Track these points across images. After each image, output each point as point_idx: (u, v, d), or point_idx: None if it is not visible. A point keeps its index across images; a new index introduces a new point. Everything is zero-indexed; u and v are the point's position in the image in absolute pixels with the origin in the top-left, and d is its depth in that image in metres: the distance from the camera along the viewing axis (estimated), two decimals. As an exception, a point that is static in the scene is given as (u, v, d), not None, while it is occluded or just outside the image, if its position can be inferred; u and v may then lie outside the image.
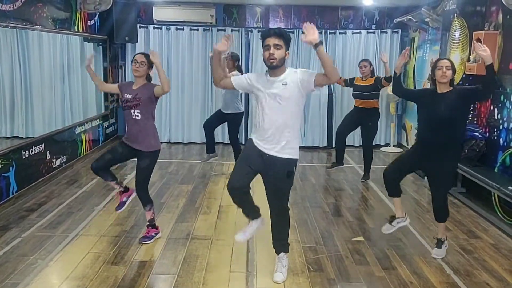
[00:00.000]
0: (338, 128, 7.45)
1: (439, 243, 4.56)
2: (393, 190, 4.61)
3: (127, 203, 4.84)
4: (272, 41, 3.57)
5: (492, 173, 5.82)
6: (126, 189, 4.86)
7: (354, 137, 9.23)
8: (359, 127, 7.24)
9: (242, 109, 7.31)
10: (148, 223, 4.78)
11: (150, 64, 4.56)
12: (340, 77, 7.04)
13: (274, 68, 3.63)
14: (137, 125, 4.50)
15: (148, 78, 4.68)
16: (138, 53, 4.66)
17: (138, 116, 4.48)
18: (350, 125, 7.31)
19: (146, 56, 4.58)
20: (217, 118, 7.44)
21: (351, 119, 7.22)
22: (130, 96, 4.51)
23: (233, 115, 7.17)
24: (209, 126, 7.42)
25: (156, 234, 4.80)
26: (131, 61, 4.58)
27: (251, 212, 3.94)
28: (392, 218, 4.69)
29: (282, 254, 4.07)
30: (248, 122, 9.41)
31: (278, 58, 3.57)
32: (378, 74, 7.51)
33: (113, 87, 4.94)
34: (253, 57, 9.54)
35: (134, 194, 4.79)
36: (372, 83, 6.89)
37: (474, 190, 6.28)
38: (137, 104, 4.47)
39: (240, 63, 7.17)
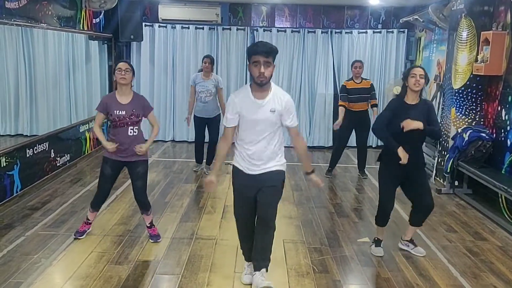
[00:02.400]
0: (339, 144, 7.48)
1: (412, 242, 4.62)
2: (386, 220, 4.56)
3: (85, 234, 4.78)
4: (263, 58, 3.49)
5: (499, 175, 5.77)
6: (88, 223, 4.83)
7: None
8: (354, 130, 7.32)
9: (219, 111, 7.13)
10: (148, 226, 4.79)
11: (133, 71, 4.53)
12: (341, 103, 7.16)
13: (263, 85, 3.57)
14: (133, 139, 4.48)
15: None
16: (121, 61, 4.54)
17: (136, 132, 4.49)
18: (348, 135, 7.38)
19: (129, 63, 4.55)
20: (202, 127, 7.24)
21: (348, 129, 7.23)
22: (124, 113, 4.41)
23: (215, 117, 7.09)
24: (201, 140, 7.32)
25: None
26: (114, 70, 4.46)
27: (249, 248, 3.88)
28: (379, 240, 4.64)
29: (263, 270, 3.78)
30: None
31: (268, 76, 3.53)
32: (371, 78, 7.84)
33: (101, 116, 4.55)
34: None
35: (90, 229, 4.83)
36: (369, 86, 7.08)
37: (481, 192, 6.24)
38: (137, 121, 4.47)
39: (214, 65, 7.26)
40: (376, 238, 4.64)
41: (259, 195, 3.70)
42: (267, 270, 3.80)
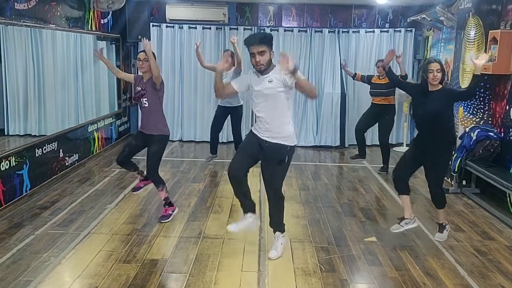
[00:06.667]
0: (357, 125, 7.85)
1: (440, 228, 4.86)
2: (401, 187, 4.87)
3: (142, 188, 5.46)
4: (256, 49, 3.97)
5: (507, 174, 5.74)
6: (146, 179, 5.40)
7: (366, 135, 9.15)
8: (377, 122, 7.72)
9: (241, 102, 7.63)
10: (164, 202, 5.27)
11: (154, 57, 5.03)
12: (356, 73, 8.02)
13: (263, 71, 4.07)
14: (146, 111, 5.12)
15: None
16: (140, 51, 5.11)
17: (146, 103, 5.08)
18: (368, 121, 7.76)
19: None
20: (221, 116, 7.71)
21: (369, 116, 7.69)
22: (139, 88, 5.14)
23: (233, 108, 7.54)
24: (216, 127, 7.76)
25: (173, 211, 5.29)
26: (135, 59, 4.95)
27: (247, 203, 4.38)
28: (401, 218, 4.86)
29: (278, 233, 4.42)
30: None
31: (265, 63, 4.01)
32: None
33: (129, 76, 5.64)
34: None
35: (151, 185, 5.37)
36: (389, 81, 7.12)
37: (489, 191, 6.21)
38: (144, 93, 5.07)
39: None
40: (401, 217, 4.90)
41: (263, 167, 4.27)
42: (282, 232, 4.43)
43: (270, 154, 4.17)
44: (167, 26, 9.49)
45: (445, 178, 6.84)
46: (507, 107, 6.09)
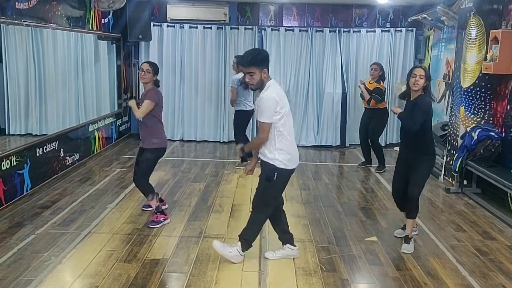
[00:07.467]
0: (359, 132, 8.06)
1: (406, 239, 4.67)
2: (402, 205, 4.85)
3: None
4: (246, 70, 4.00)
5: (508, 174, 5.74)
6: (161, 200, 5.44)
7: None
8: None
9: (247, 107, 7.53)
10: (155, 211, 5.13)
11: (155, 72, 5.08)
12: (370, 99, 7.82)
13: (255, 90, 4.10)
14: (142, 126, 5.14)
15: (156, 83, 5.14)
16: (144, 62, 5.16)
17: (141, 119, 5.04)
18: (366, 125, 7.82)
19: (151, 64, 5.09)
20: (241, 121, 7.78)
21: (365, 119, 7.85)
22: (140, 101, 5.10)
23: (238, 112, 7.57)
24: (240, 133, 7.69)
25: (164, 219, 5.14)
26: (138, 69, 4.91)
27: (281, 233, 4.39)
28: (405, 226, 4.89)
29: (236, 244, 4.28)
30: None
31: (255, 83, 3.99)
32: (380, 84, 7.73)
33: None
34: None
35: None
36: (371, 89, 7.63)
37: (490, 191, 6.21)
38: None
39: None
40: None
41: None
42: (239, 240, 4.25)
43: (261, 171, 4.15)
44: (168, 26, 9.49)
45: (442, 182, 6.84)
46: (508, 107, 6.08)
